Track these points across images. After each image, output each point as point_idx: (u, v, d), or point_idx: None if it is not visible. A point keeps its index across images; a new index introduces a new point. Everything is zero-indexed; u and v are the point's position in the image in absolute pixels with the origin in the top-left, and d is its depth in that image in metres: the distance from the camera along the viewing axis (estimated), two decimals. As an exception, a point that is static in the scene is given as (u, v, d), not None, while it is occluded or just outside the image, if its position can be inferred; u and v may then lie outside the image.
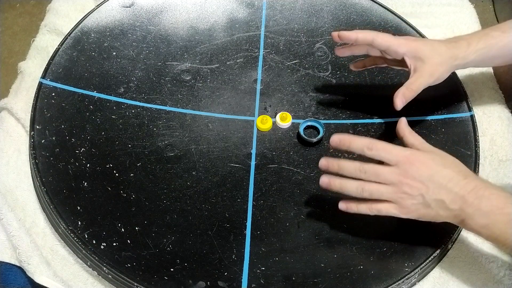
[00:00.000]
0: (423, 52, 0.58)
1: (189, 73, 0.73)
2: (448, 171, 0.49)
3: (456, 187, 0.48)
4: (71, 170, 0.60)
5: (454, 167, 0.50)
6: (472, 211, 0.48)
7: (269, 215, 0.59)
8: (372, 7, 0.82)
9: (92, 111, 0.66)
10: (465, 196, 0.48)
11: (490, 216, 0.47)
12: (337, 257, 0.56)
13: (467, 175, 0.50)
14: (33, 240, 0.57)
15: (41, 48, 0.76)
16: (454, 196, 0.48)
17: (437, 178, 0.49)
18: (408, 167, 0.49)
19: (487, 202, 0.48)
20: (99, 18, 0.76)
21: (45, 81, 0.68)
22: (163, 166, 0.62)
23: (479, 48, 0.59)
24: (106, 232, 0.56)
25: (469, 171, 0.50)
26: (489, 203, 0.48)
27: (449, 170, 0.49)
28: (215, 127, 0.67)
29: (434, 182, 0.49)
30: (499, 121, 0.70)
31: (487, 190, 0.48)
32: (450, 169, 0.49)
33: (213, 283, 0.53)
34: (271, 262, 0.55)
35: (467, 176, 0.49)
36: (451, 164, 0.50)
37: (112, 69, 0.71)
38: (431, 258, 0.56)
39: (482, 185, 0.49)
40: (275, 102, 0.70)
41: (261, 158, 0.64)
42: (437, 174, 0.49)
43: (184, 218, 0.58)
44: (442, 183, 0.49)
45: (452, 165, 0.50)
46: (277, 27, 0.79)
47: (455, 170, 0.50)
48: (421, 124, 0.68)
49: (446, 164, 0.50)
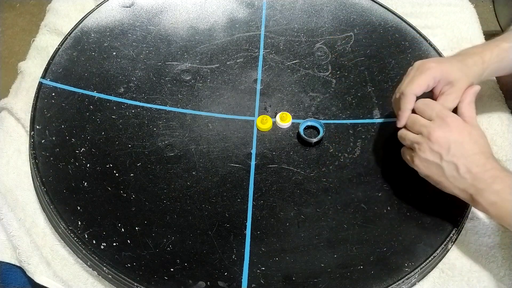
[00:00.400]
0: (453, 75, 0.57)
1: (189, 73, 0.73)
2: (474, 146, 0.52)
3: (475, 162, 0.51)
4: (71, 170, 0.60)
5: (482, 146, 0.53)
6: (483, 187, 0.50)
7: (269, 215, 0.59)
8: (372, 7, 0.82)
9: (92, 111, 0.66)
10: (479, 173, 0.51)
11: (501, 194, 0.50)
12: (337, 257, 0.56)
13: (490, 156, 0.52)
14: (33, 240, 0.57)
15: (41, 48, 0.76)
16: (470, 168, 0.51)
17: (462, 147, 0.52)
18: (442, 125, 0.52)
19: (500, 182, 0.50)
20: (99, 18, 0.76)
21: (45, 81, 0.68)
22: (163, 166, 0.62)
23: (493, 63, 0.59)
24: (106, 232, 0.56)
25: (493, 156, 0.53)
26: (501, 183, 0.50)
27: (476, 146, 0.52)
28: (215, 127, 0.67)
29: (457, 148, 0.51)
30: (499, 121, 0.70)
31: (503, 172, 0.51)
32: (477, 145, 0.52)
33: (213, 283, 0.53)
34: (271, 262, 0.55)
35: (489, 157, 0.52)
36: (481, 144, 0.53)
37: (112, 69, 0.71)
38: (431, 258, 0.56)
39: (500, 167, 0.51)
40: (275, 102, 0.70)
41: (261, 158, 0.64)
42: (464, 144, 0.52)
43: (184, 218, 0.58)
44: (464, 153, 0.51)
45: (482, 145, 0.53)
46: (277, 27, 0.79)
47: (482, 149, 0.52)
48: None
49: (478, 141, 0.53)
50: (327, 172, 0.63)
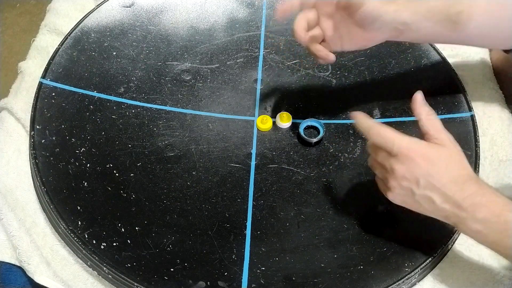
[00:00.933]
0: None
1: (189, 73, 0.73)
2: (446, 174, 0.47)
3: (451, 191, 0.47)
4: (71, 170, 0.60)
5: (456, 169, 0.48)
6: (466, 215, 0.47)
7: (269, 215, 0.59)
8: (372, 7, 0.82)
9: (92, 111, 0.66)
10: (459, 201, 0.47)
11: (485, 223, 0.46)
12: (337, 257, 0.56)
13: (467, 179, 0.47)
14: (33, 240, 0.57)
15: (41, 48, 0.76)
16: (447, 199, 0.47)
17: (432, 178, 0.47)
18: (405, 160, 0.48)
19: (483, 209, 0.46)
20: (99, 18, 0.76)
21: (45, 81, 0.68)
22: (163, 166, 0.62)
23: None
24: (106, 232, 0.56)
25: (471, 175, 0.48)
26: (485, 210, 0.46)
27: (449, 172, 0.47)
28: (215, 127, 0.67)
29: (427, 181, 0.47)
30: (499, 121, 0.70)
31: (485, 196, 0.46)
32: (451, 171, 0.47)
33: (213, 283, 0.53)
34: (271, 262, 0.55)
35: (466, 181, 0.47)
36: (455, 166, 0.48)
37: (112, 69, 0.71)
38: (431, 258, 0.56)
39: (481, 191, 0.47)
40: (275, 102, 0.70)
41: (261, 158, 0.64)
42: (434, 174, 0.47)
43: (184, 218, 0.58)
44: (437, 184, 0.47)
45: (456, 167, 0.48)
46: (277, 27, 0.79)
47: (457, 172, 0.48)
48: (421, 124, 0.68)
49: (450, 164, 0.48)
50: (327, 172, 0.63)
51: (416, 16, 0.55)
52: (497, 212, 0.46)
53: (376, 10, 0.54)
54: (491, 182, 0.65)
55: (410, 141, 0.48)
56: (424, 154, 0.47)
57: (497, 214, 0.46)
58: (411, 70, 0.74)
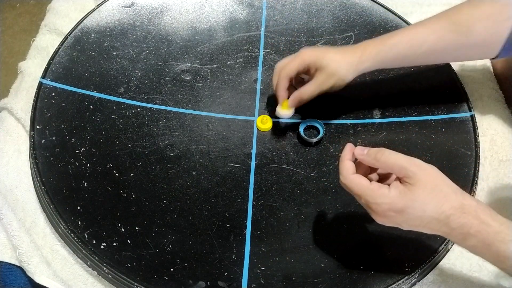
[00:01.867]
0: (326, 59, 0.61)
1: (189, 73, 0.73)
2: (427, 215, 0.45)
3: (437, 226, 0.46)
4: (71, 170, 0.60)
5: (436, 208, 0.45)
6: (457, 241, 0.47)
7: (269, 215, 0.59)
8: (372, 7, 0.82)
9: (92, 111, 0.66)
10: (447, 232, 0.46)
11: (477, 250, 0.46)
12: (337, 257, 0.56)
13: (451, 213, 0.45)
14: (33, 240, 0.57)
15: (41, 48, 0.76)
16: (434, 231, 0.47)
17: (415, 222, 0.46)
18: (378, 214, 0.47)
19: (473, 239, 0.45)
20: (99, 18, 0.76)
21: (45, 81, 0.68)
22: (163, 166, 0.62)
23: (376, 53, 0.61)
24: (106, 232, 0.56)
25: (455, 205, 0.45)
26: (474, 240, 0.45)
27: (429, 214, 0.45)
28: (215, 127, 0.67)
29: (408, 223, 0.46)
30: (499, 121, 0.70)
31: (472, 228, 0.45)
32: (430, 212, 0.45)
33: (213, 283, 0.53)
34: (271, 262, 0.55)
35: (450, 215, 0.45)
36: (433, 205, 0.45)
37: (112, 69, 0.71)
38: (431, 258, 0.56)
39: (468, 223, 0.45)
40: (275, 102, 0.70)
41: (261, 158, 0.64)
42: (416, 220, 0.46)
43: (184, 218, 0.58)
44: (420, 225, 0.46)
45: (435, 206, 0.45)
46: (277, 27, 0.79)
47: (437, 211, 0.45)
48: (421, 124, 0.68)
49: (427, 206, 0.45)
50: (327, 172, 0.63)
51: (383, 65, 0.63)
52: (488, 242, 0.45)
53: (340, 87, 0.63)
54: (491, 182, 0.65)
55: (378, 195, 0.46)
56: (394, 208, 0.45)
57: (487, 244, 0.45)
58: (411, 70, 0.74)
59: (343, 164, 0.49)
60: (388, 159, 0.47)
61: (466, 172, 0.63)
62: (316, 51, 0.62)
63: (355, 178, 0.48)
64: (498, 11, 0.58)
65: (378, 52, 0.61)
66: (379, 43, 0.62)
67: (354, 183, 0.48)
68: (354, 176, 0.48)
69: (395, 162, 0.47)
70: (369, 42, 0.62)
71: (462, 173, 0.63)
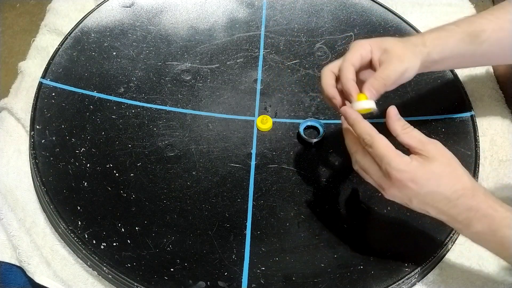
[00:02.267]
0: (387, 43, 0.54)
1: (189, 73, 0.73)
2: (439, 192, 0.46)
3: (445, 207, 0.46)
4: (71, 170, 0.60)
5: (449, 186, 0.46)
6: (461, 227, 0.47)
7: (269, 215, 0.59)
8: (372, 7, 0.82)
9: (92, 111, 0.66)
10: (453, 215, 0.46)
11: (481, 235, 0.46)
12: (337, 257, 0.56)
13: (461, 194, 0.45)
14: (33, 240, 0.57)
15: (41, 48, 0.76)
16: (441, 212, 0.47)
17: (425, 198, 0.46)
18: (394, 184, 0.46)
19: (478, 224, 0.45)
20: (99, 18, 0.76)
21: (45, 81, 0.68)
22: (163, 166, 0.62)
23: (435, 37, 0.56)
24: (106, 232, 0.56)
25: (466, 186, 0.46)
26: (479, 225, 0.45)
27: (441, 190, 0.46)
28: (215, 127, 0.67)
29: (421, 200, 0.46)
30: (499, 121, 0.70)
31: (479, 211, 0.45)
32: (443, 189, 0.45)
33: (213, 283, 0.53)
34: (271, 262, 0.55)
35: (460, 196, 0.45)
36: (447, 182, 0.46)
37: (112, 69, 0.71)
38: (431, 258, 0.56)
39: (476, 206, 0.45)
40: (275, 102, 0.70)
41: (261, 158, 0.64)
42: (427, 195, 0.46)
43: (184, 218, 0.58)
44: (430, 202, 0.46)
45: (448, 183, 0.46)
46: (277, 27, 0.79)
47: (449, 189, 0.45)
48: (421, 124, 0.68)
49: (441, 182, 0.46)
50: (327, 172, 0.63)
51: (444, 53, 0.56)
52: (493, 227, 0.45)
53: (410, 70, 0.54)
54: (491, 182, 0.65)
55: (401, 162, 0.46)
56: (414, 178, 0.45)
57: (493, 229, 0.45)
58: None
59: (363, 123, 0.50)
60: (412, 130, 0.49)
61: (466, 172, 0.63)
62: (373, 39, 0.55)
63: (382, 139, 0.47)
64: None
65: (437, 37, 0.55)
66: (436, 29, 0.57)
67: (377, 139, 0.47)
68: (381, 136, 0.47)
69: (417, 135, 0.48)
70: (427, 31, 0.57)
71: (462, 173, 0.63)
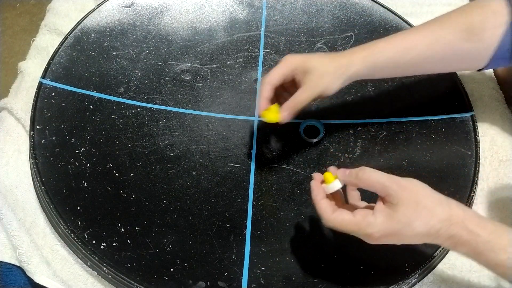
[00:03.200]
0: (311, 64, 0.56)
1: (189, 73, 0.73)
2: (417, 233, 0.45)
3: (428, 240, 0.46)
4: (71, 170, 0.60)
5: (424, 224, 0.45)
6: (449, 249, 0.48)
7: (269, 215, 0.59)
8: (372, 7, 0.82)
9: (92, 111, 0.66)
10: (438, 243, 0.47)
11: (469, 257, 0.46)
12: (337, 257, 0.56)
13: (440, 227, 0.45)
14: (33, 240, 0.57)
15: (41, 48, 0.76)
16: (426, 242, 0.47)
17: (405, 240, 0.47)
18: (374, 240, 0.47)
19: (463, 248, 0.45)
20: (99, 18, 0.76)
21: (45, 81, 0.68)
22: (163, 166, 0.62)
23: (364, 56, 0.57)
24: (106, 232, 0.56)
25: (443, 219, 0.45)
26: (464, 249, 0.46)
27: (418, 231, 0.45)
28: (215, 127, 0.67)
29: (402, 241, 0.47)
30: (499, 121, 0.70)
31: (461, 238, 0.45)
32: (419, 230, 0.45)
33: (213, 283, 0.53)
34: (271, 262, 0.55)
35: (440, 229, 0.45)
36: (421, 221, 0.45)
37: (112, 69, 0.71)
38: (431, 258, 0.56)
39: (457, 233, 0.45)
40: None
41: (261, 158, 0.64)
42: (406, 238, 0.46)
43: (184, 218, 0.58)
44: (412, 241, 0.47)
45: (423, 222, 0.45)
46: (277, 27, 0.79)
47: (425, 227, 0.45)
48: (421, 124, 0.68)
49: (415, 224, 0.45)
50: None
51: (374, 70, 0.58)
52: (478, 251, 0.45)
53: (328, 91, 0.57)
54: (491, 182, 0.65)
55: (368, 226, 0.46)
56: (388, 234, 0.46)
57: (477, 252, 0.45)
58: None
59: (319, 206, 0.49)
60: (369, 177, 0.47)
61: (466, 172, 0.63)
62: (301, 55, 0.58)
63: (336, 217, 0.47)
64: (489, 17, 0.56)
65: (366, 56, 0.58)
66: (367, 47, 0.59)
67: (337, 222, 0.47)
68: (335, 215, 0.47)
69: (377, 180, 0.47)
70: (358, 47, 0.59)
71: (462, 173, 0.63)
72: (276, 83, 0.56)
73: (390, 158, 0.64)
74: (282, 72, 0.56)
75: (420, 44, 0.58)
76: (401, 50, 0.58)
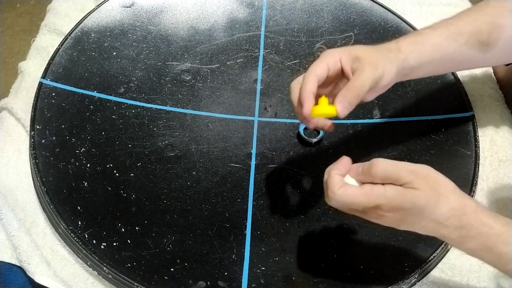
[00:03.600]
0: (358, 51, 0.51)
1: (189, 73, 0.73)
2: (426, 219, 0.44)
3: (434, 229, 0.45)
4: (71, 170, 0.60)
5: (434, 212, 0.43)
6: (454, 244, 0.45)
7: (269, 215, 0.59)
8: (372, 7, 0.82)
9: (92, 111, 0.66)
10: (444, 234, 0.45)
11: (476, 252, 0.44)
12: (337, 257, 0.56)
13: (449, 216, 0.43)
14: (33, 240, 0.57)
15: (41, 48, 0.76)
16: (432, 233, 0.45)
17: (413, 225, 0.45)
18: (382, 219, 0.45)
19: (472, 241, 0.43)
20: (99, 18, 0.76)
21: (45, 81, 0.68)
22: (163, 166, 0.62)
23: (410, 43, 0.53)
24: (106, 232, 0.56)
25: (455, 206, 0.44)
26: (474, 243, 0.43)
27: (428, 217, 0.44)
28: (215, 127, 0.67)
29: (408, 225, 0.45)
30: (499, 121, 0.70)
31: (472, 230, 0.43)
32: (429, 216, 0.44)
33: (213, 283, 0.53)
34: (271, 262, 0.55)
35: (449, 217, 0.43)
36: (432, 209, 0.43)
37: (112, 69, 0.71)
38: (431, 258, 0.56)
39: (467, 224, 0.43)
40: (275, 102, 0.70)
41: (261, 158, 0.64)
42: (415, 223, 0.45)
43: (184, 218, 0.58)
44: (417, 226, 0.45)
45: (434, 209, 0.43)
46: (277, 27, 0.79)
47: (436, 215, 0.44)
48: (421, 124, 0.68)
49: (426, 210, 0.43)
50: (327, 172, 0.63)
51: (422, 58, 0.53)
52: (489, 244, 0.43)
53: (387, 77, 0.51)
54: (491, 182, 0.65)
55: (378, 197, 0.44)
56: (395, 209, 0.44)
57: (489, 246, 0.43)
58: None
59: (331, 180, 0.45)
60: (383, 171, 0.45)
61: (466, 172, 0.63)
62: (343, 48, 0.52)
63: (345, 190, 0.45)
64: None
65: (414, 42, 0.53)
66: (412, 34, 0.54)
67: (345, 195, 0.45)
68: (342, 188, 0.45)
69: (392, 171, 0.44)
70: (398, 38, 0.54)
71: (462, 173, 0.63)
72: (322, 73, 0.50)
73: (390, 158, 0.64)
74: (327, 61, 0.50)
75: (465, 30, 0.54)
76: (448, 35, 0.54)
